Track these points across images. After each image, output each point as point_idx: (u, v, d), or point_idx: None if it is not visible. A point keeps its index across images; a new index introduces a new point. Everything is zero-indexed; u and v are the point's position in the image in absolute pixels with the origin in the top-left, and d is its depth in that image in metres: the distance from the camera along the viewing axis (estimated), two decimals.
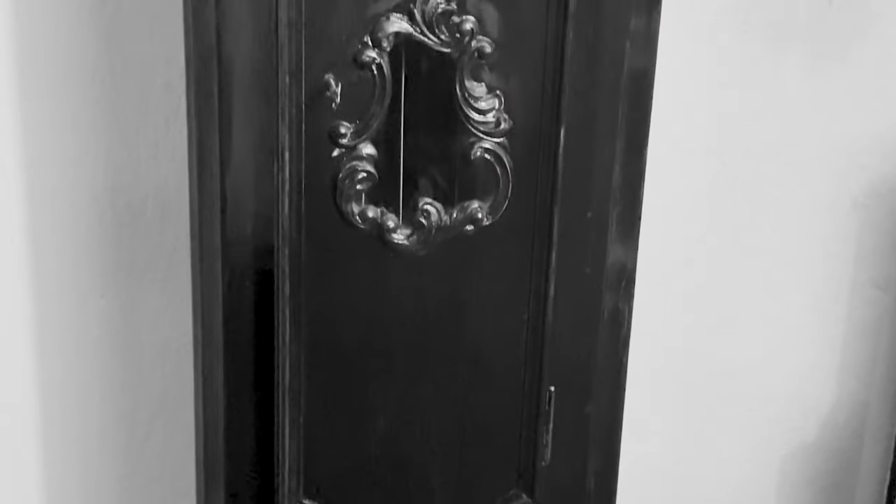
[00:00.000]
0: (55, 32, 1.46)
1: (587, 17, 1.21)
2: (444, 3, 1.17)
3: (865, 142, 1.65)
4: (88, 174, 1.54)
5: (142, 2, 1.47)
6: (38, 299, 1.57)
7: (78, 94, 1.50)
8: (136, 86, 1.51)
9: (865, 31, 1.60)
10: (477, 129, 1.22)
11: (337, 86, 1.19)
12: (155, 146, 1.54)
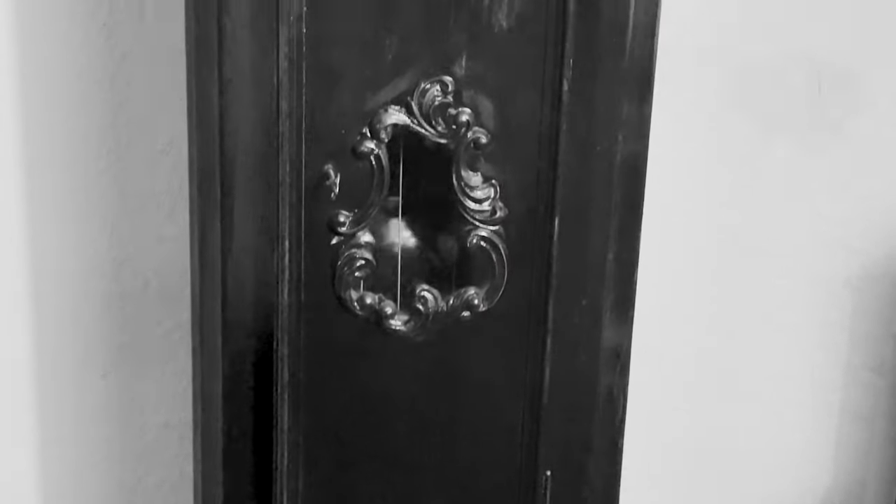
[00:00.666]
0: (63, 109, 1.49)
1: (580, 108, 1.23)
2: (440, 95, 1.21)
3: (858, 225, 1.67)
4: (92, 252, 1.56)
5: (149, 84, 1.50)
6: (39, 378, 1.58)
7: (84, 172, 1.53)
8: (142, 165, 1.54)
9: (855, 115, 1.63)
10: (473, 218, 1.25)
11: (336, 176, 1.22)
12: (159, 226, 1.56)
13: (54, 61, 1.47)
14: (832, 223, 1.66)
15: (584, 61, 1.22)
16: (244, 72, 1.20)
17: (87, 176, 1.53)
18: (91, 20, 1.46)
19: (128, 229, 1.56)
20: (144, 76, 1.49)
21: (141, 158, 1.53)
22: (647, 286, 1.45)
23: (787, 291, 1.70)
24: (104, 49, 1.47)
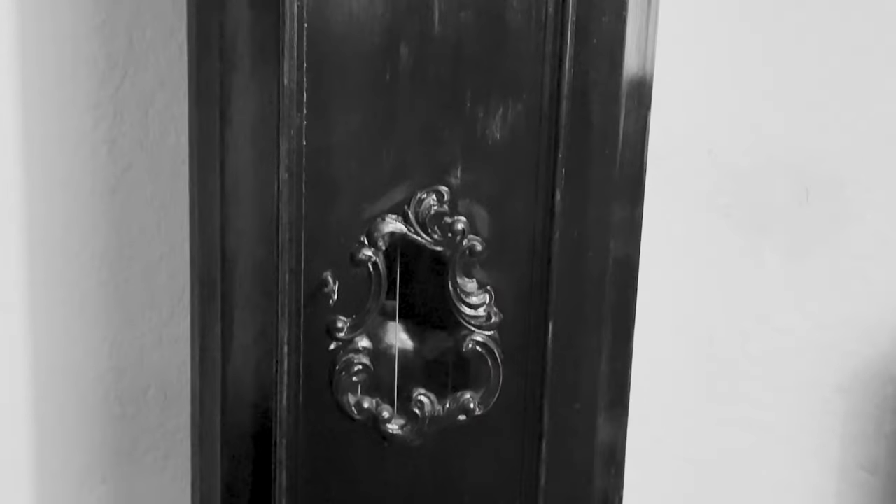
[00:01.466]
0: (66, 219, 1.53)
1: (572, 215, 1.27)
2: (436, 204, 1.24)
3: (847, 328, 1.69)
4: (93, 357, 1.58)
5: (150, 191, 1.54)
6: (40, 483, 1.59)
7: (85, 278, 1.56)
8: (142, 272, 1.57)
9: (843, 219, 1.67)
10: (469, 323, 1.27)
11: (335, 283, 1.25)
12: (159, 332, 1.59)
13: (59, 173, 1.51)
14: (822, 328, 1.69)
15: (576, 171, 1.25)
16: (245, 182, 1.23)
17: (89, 285, 1.56)
18: (95, 133, 1.50)
19: (128, 336, 1.59)
20: (146, 188, 1.53)
21: (141, 266, 1.56)
22: (642, 391, 1.47)
23: (779, 392, 1.72)
24: (107, 162, 1.51)
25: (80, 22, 1.46)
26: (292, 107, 1.21)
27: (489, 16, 1.21)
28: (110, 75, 1.48)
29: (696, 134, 1.62)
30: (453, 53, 1.22)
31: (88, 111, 1.49)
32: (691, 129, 1.61)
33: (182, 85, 1.38)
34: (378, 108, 1.22)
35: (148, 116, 1.50)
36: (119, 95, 1.49)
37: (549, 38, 1.22)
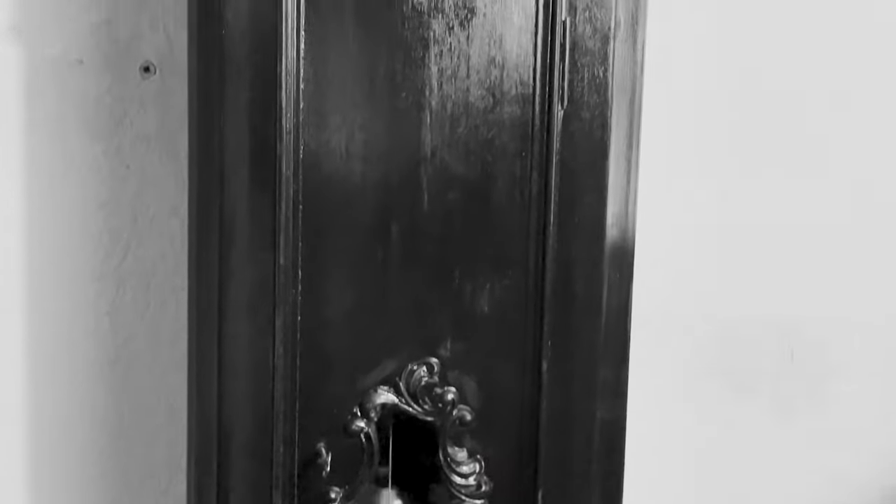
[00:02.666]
0: (66, 386, 1.56)
1: (559, 383, 1.30)
2: (427, 376, 1.28)
3: (836, 484, 1.71)
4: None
5: (149, 361, 1.58)
6: None
7: (85, 447, 1.58)
8: (141, 441, 1.59)
9: (827, 378, 1.70)
10: (459, 492, 1.30)
11: (327, 454, 1.28)
12: (157, 500, 1.60)
13: (61, 344, 1.56)
14: (810, 486, 1.70)
15: (562, 341, 1.30)
16: (242, 355, 1.27)
17: (89, 453, 1.58)
18: (97, 304, 1.55)
19: (128, 500, 1.60)
20: (146, 358, 1.57)
21: (140, 435, 1.58)
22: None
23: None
24: (109, 332, 1.56)
25: (87, 199, 1.52)
26: (287, 283, 1.26)
27: (476, 195, 1.27)
28: (113, 249, 1.54)
29: (681, 294, 1.67)
30: (442, 231, 1.27)
31: (92, 283, 1.54)
32: (677, 292, 1.66)
33: (183, 257, 1.44)
34: (370, 284, 1.27)
35: (149, 288, 1.55)
36: (122, 268, 1.54)
37: (534, 215, 1.28)
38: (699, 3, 1.57)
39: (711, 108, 1.61)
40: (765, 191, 1.64)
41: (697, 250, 1.65)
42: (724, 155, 1.62)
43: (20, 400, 1.56)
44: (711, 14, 1.58)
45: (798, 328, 1.68)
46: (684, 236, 1.65)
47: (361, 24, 1.24)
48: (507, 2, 1.26)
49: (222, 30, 1.24)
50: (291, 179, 1.25)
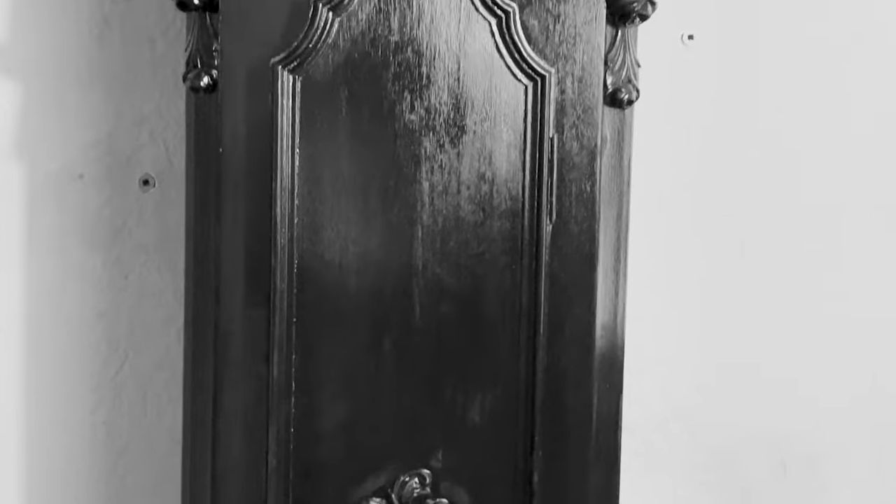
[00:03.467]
0: (62, 492, 1.56)
1: (550, 489, 1.31)
2: (418, 487, 1.29)
3: None
4: None
5: (145, 471, 1.58)
6: None
7: None
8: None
9: (822, 497, 1.70)
10: None
11: None
12: None
13: (58, 455, 1.56)
14: None
15: (552, 451, 1.31)
16: (235, 467, 1.28)
17: None
18: (94, 415, 1.56)
19: None
20: (142, 467, 1.58)
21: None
22: None
23: None
24: (105, 442, 1.57)
25: (85, 309, 1.54)
26: (281, 395, 1.27)
27: (467, 307, 1.30)
28: (111, 359, 1.56)
29: (674, 410, 1.68)
30: (434, 343, 1.29)
31: (88, 394, 1.56)
32: (667, 403, 1.67)
33: (179, 367, 1.46)
34: (363, 396, 1.29)
35: (146, 399, 1.57)
36: (119, 378, 1.56)
37: (524, 327, 1.30)
38: (682, 119, 1.61)
39: (700, 223, 1.64)
40: (753, 305, 1.66)
41: (686, 361, 1.67)
42: (712, 270, 1.65)
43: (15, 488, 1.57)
44: (695, 128, 1.62)
45: (791, 444, 1.69)
46: (673, 346, 1.66)
47: (355, 142, 1.28)
48: (496, 119, 1.29)
49: (220, 147, 1.28)
50: (286, 293, 1.28)
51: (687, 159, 1.61)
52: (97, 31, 1.50)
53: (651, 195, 1.59)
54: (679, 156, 1.61)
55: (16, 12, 1.49)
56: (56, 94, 1.51)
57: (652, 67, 1.51)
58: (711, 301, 1.65)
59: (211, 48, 1.28)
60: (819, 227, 1.64)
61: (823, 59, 1.60)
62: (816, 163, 1.62)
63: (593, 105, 1.30)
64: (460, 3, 1.28)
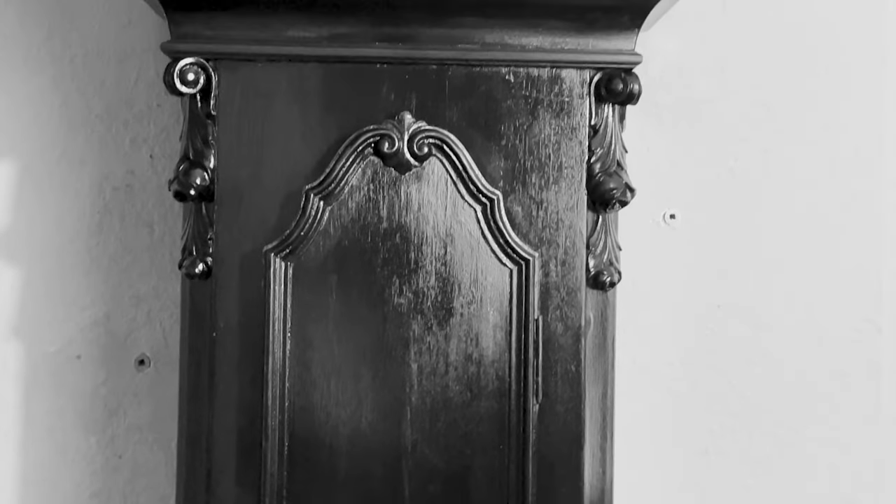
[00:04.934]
0: None
1: None
2: None
3: None
4: None
5: None
6: None
7: None
8: None
9: None
10: None
11: None
12: None
13: None
14: None
15: None
16: None
17: None
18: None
19: None
20: None
21: None
22: None
23: None
24: None
25: (79, 489, 1.55)
26: None
27: (455, 487, 1.31)
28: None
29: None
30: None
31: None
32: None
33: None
34: None
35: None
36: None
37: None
38: (666, 297, 1.65)
39: (687, 407, 1.66)
40: (739, 483, 1.67)
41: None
42: (700, 447, 1.66)
43: None
44: (679, 305, 1.65)
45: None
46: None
47: (345, 326, 1.31)
48: (483, 302, 1.33)
49: (213, 332, 1.32)
50: (276, 476, 1.30)
51: (671, 339, 1.64)
52: (98, 218, 1.56)
53: (636, 372, 1.61)
54: (663, 335, 1.64)
55: (19, 198, 1.55)
56: (56, 278, 1.55)
57: (635, 246, 1.56)
58: (697, 479, 1.65)
59: (206, 236, 1.33)
60: (802, 412, 1.66)
61: (810, 233, 1.64)
62: (798, 340, 1.65)
63: (577, 287, 1.34)
64: (447, 190, 1.33)
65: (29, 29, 1.55)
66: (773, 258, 1.63)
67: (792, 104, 1.62)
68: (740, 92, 1.62)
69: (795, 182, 1.63)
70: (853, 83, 1.62)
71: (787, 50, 1.62)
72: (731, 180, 1.62)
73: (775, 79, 1.62)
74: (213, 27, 1.31)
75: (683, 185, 1.62)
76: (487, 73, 1.34)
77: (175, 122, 1.54)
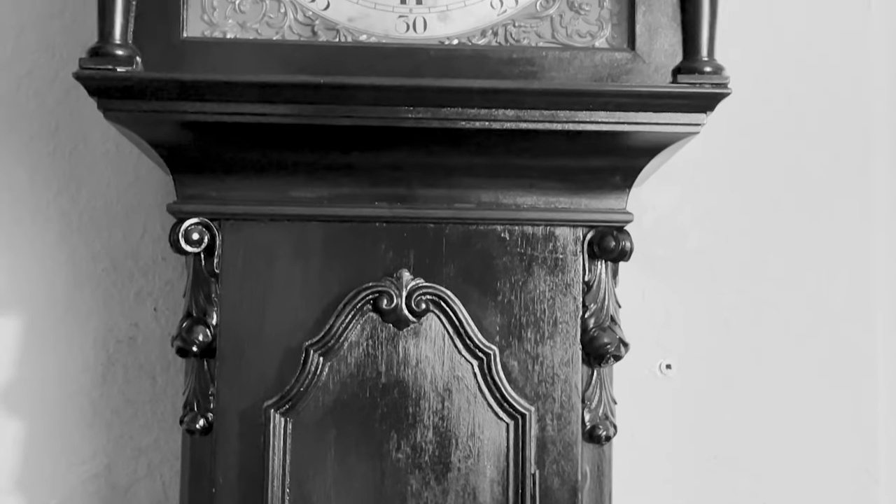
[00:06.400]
0: None
1: None
2: None
3: None
4: None
5: None
6: None
7: None
8: None
9: None
10: None
11: None
12: None
13: None
14: None
15: None
16: None
17: None
18: None
19: None
20: None
21: None
22: None
23: None
24: None
25: None
26: None
27: None
28: None
29: None
30: None
31: None
32: None
33: None
34: None
35: None
36: None
37: None
38: (663, 452, 1.66)
39: None
40: None
41: None
42: None
43: None
44: (678, 461, 1.66)
45: None
46: None
47: (344, 480, 1.33)
48: (480, 456, 1.35)
49: (213, 487, 1.33)
50: None
51: (670, 491, 1.64)
52: (101, 370, 1.58)
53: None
54: (661, 487, 1.64)
55: (24, 352, 1.57)
56: (59, 431, 1.57)
57: (631, 396, 1.57)
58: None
59: (207, 392, 1.35)
60: None
61: (806, 382, 1.65)
62: (797, 490, 1.65)
63: (573, 441, 1.36)
64: (444, 346, 1.36)
65: (38, 188, 1.60)
66: (769, 408, 1.65)
67: (783, 253, 1.66)
68: (733, 243, 1.65)
69: (789, 331, 1.65)
70: (842, 232, 1.66)
71: (776, 201, 1.66)
72: (725, 331, 1.65)
73: (767, 230, 1.66)
74: (218, 188, 1.36)
75: (679, 336, 1.65)
76: (483, 231, 1.38)
77: (179, 275, 1.58)
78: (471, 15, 1.37)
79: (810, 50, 1.68)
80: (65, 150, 1.60)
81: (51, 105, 1.60)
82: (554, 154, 1.34)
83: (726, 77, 1.33)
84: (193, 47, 1.32)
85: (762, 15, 1.68)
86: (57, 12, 1.61)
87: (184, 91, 1.29)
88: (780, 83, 1.67)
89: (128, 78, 1.28)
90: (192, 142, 1.33)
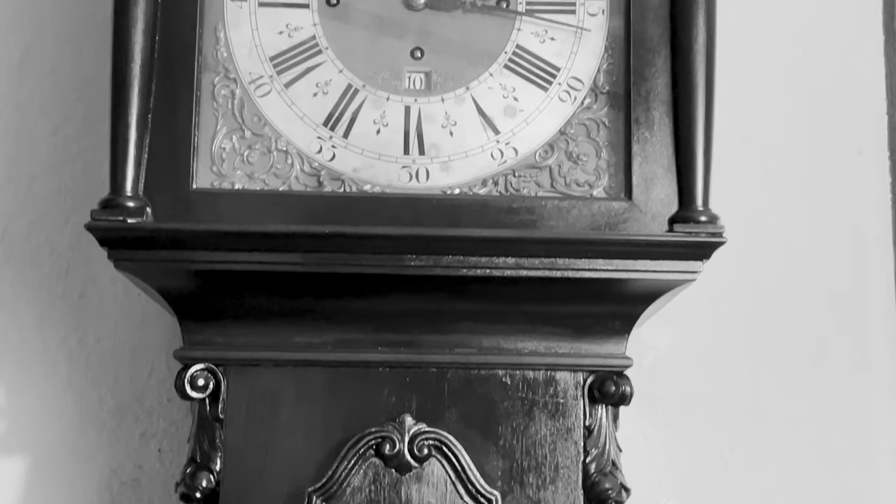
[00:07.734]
0: None
1: None
2: None
3: None
4: None
5: None
6: None
7: None
8: None
9: None
10: None
11: None
12: None
13: None
14: None
15: None
16: None
17: None
18: None
19: None
20: None
21: None
22: None
23: None
24: None
25: None
26: None
27: None
28: None
29: None
30: None
31: None
32: None
33: None
34: None
35: None
36: None
37: None
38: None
39: None
40: None
41: None
42: None
43: None
44: None
45: None
46: None
47: None
48: None
49: None
50: None
51: None
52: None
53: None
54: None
55: (27, 495, 1.58)
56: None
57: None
58: None
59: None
60: None
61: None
62: None
63: None
64: (446, 491, 1.36)
65: (46, 331, 1.62)
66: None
67: (781, 390, 1.67)
68: (731, 384, 1.67)
69: (788, 471, 1.66)
70: (842, 375, 1.68)
71: (773, 339, 1.68)
72: (725, 471, 1.65)
73: (765, 371, 1.67)
74: (224, 334, 1.38)
75: (679, 476, 1.65)
76: (485, 376, 1.39)
77: (184, 416, 1.59)
78: (472, 165, 1.42)
79: (808, 201, 1.72)
80: (74, 292, 1.64)
81: (62, 248, 1.64)
82: (554, 300, 1.37)
83: (721, 226, 1.36)
84: (202, 198, 1.36)
85: (758, 174, 1.72)
86: (69, 160, 1.66)
87: (194, 241, 1.32)
88: (781, 234, 1.70)
89: (138, 229, 1.32)
90: (200, 289, 1.35)
